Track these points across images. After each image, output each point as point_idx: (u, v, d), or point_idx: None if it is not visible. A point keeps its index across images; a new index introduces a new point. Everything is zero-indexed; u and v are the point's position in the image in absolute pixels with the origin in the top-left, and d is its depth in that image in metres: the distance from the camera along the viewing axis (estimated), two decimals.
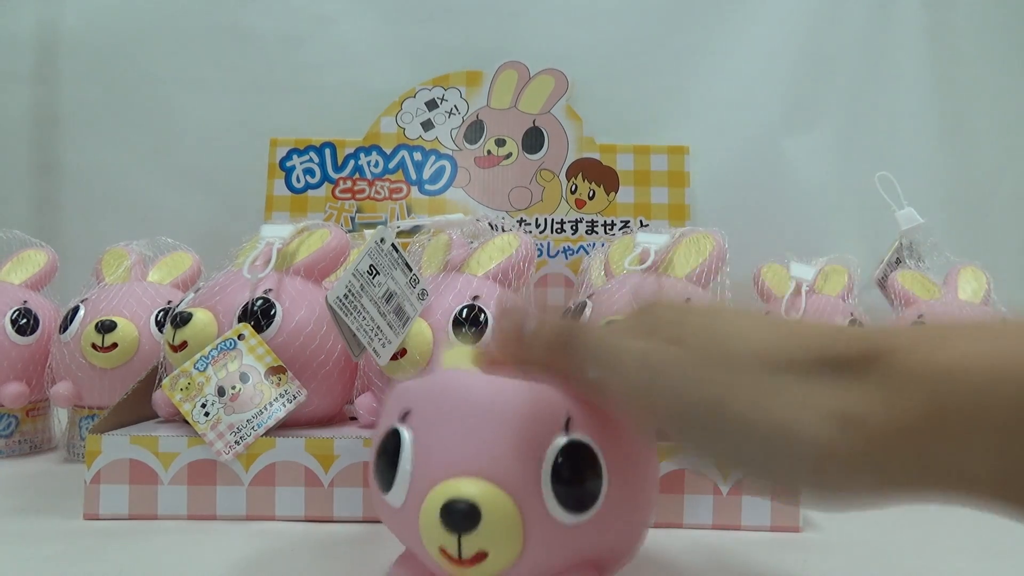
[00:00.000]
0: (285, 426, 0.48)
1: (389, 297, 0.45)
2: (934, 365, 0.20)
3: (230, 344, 0.48)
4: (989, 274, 0.68)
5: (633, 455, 0.30)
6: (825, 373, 0.22)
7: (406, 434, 0.29)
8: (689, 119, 0.97)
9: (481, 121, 0.90)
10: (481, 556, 0.26)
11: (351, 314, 0.42)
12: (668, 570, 0.38)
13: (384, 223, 0.86)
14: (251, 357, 0.48)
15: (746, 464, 0.23)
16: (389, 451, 0.29)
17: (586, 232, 0.86)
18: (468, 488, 0.26)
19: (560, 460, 0.27)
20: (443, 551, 0.27)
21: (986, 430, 0.19)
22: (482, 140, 0.90)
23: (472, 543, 0.26)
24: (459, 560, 0.26)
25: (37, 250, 0.69)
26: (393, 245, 0.46)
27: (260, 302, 0.50)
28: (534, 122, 0.90)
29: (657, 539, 0.42)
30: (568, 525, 0.27)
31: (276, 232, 0.54)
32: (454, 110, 0.91)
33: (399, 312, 0.46)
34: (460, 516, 0.26)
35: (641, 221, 0.86)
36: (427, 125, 0.91)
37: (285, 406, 0.47)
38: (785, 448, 0.21)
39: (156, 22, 0.99)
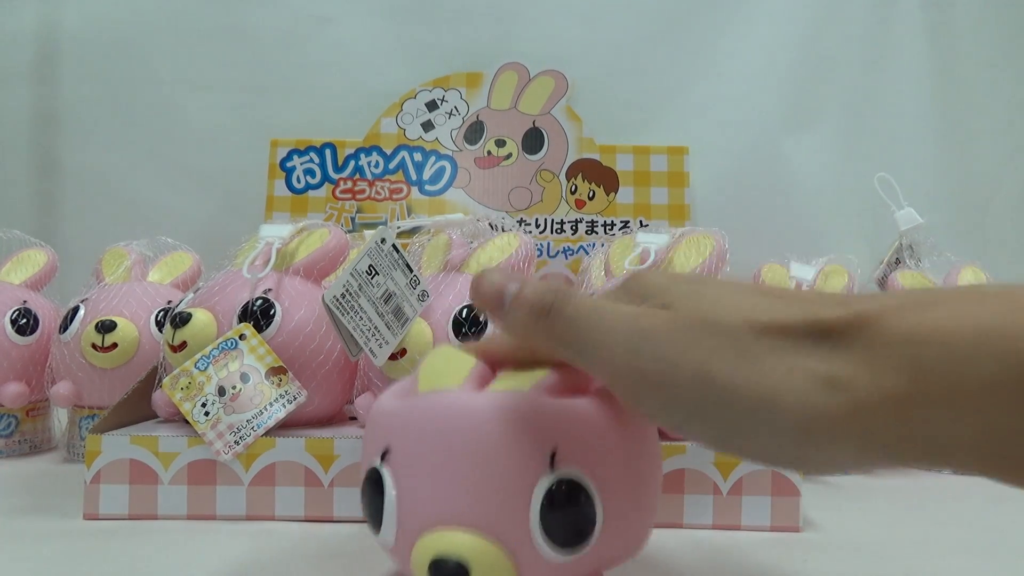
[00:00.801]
0: (285, 426, 0.48)
1: (388, 298, 0.45)
2: (919, 329, 0.20)
3: (231, 344, 0.48)
4: (989, 274, 0.68)
5: (630, 471, 0.29)
6: (811, 339, 0.22)
7: (388, 477, 0.28)
8: (689, 119, 0.97)
9: (481, 122, 0.90)
10: None
11: (347, 314, 0.42)
12: (668, 570, 0.38)
13: (384, 223, 0.86)
14: (252, 357, 0.48)
15: (732, 431, 0.22)
16: (373, 492, 0.28)
17: (586, 232, 0.87)
18: (455, 543, 0.25)
19: (548, 502, 0.26)
20: None
21: (970, 394, 0.19)
22: (482, 141, 0.90)
23: None
24: None
25: (37, 250, 0.69)
26: (394, 246, 0.46)
27: (259, 302, 0.50)
28: (534, 123, 0.90)
29: (657, 539, 0.42)
30: (563, 562, 0.26)
31: (275, 232, 0.54)
32: (454, 111, 0.91)
33: (398, 313, 0.46)
34: (450, 574, 0.25)
35: (641, 221, 0.86)
36: (427, 126, 0.91)
37: (285, 407, 0.47)
38: (770, 413, 0.21)
39: (156, 22, 0.99)
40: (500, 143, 0.89)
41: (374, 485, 0.28)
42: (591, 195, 0.87)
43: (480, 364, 0.30)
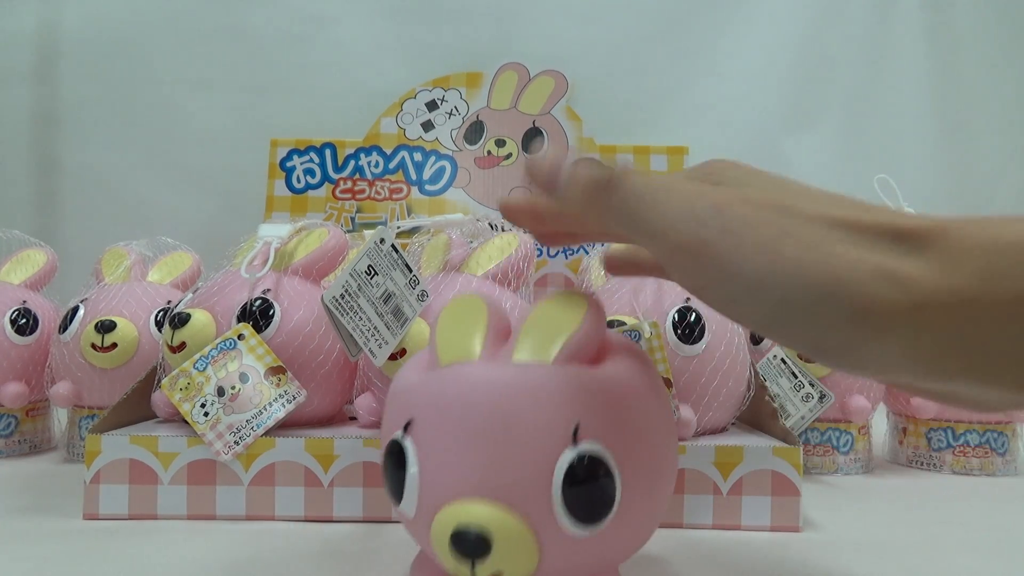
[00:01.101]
0: (285, 426, 0.48)
1: (387, 298, 0.45)
2: (999, 240, 0.20)
3: (230, 344, 0.48)
4: None
5: (649, 448, 0.29)
6: (886, 239, 0.22)
7: (410, 449, 0.28)
8: (689, 119, 0.97)
9: (481, 122, 0.90)
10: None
11: (347, 314, 0.42)
12: (668, 570, 0.38)
13: (384, 223, 0.86)
14: (251, 357, 0.48)
15: (786, 311, 0.22)
16: (395, 463, 0.29)
17: None
18: (477, 513, 0.26)
19: (569, 475, 0.26)
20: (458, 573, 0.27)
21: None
22: (482, 141, 0.90)
23: (486, 567, 0.26)
24: None
25: (37, 250, 0.69)
26: (393, 246, 0.46)
27: (258, 302, 0.50)
28: (534, 123, 0.90)
29: (657, 539, 0.42)
30: (583, 537, 0.27)
31: (274, 232, 0.54)
32: (454, 111, 0.91)
33: (397, 313, 0.46)
34: (471, 544, 0.25)
35: None
36: (427, 126, 0.91)
37: (285, 407, 0.47)
38: (831, 296, 0.21)
39: (156, 22, 0.99)
40: (500, 143, 0.89)
41: (396, 457, 0.28)
42: None
43: (494, 326, 0.30)
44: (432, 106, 0.91)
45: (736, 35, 0.98)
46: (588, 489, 0.26)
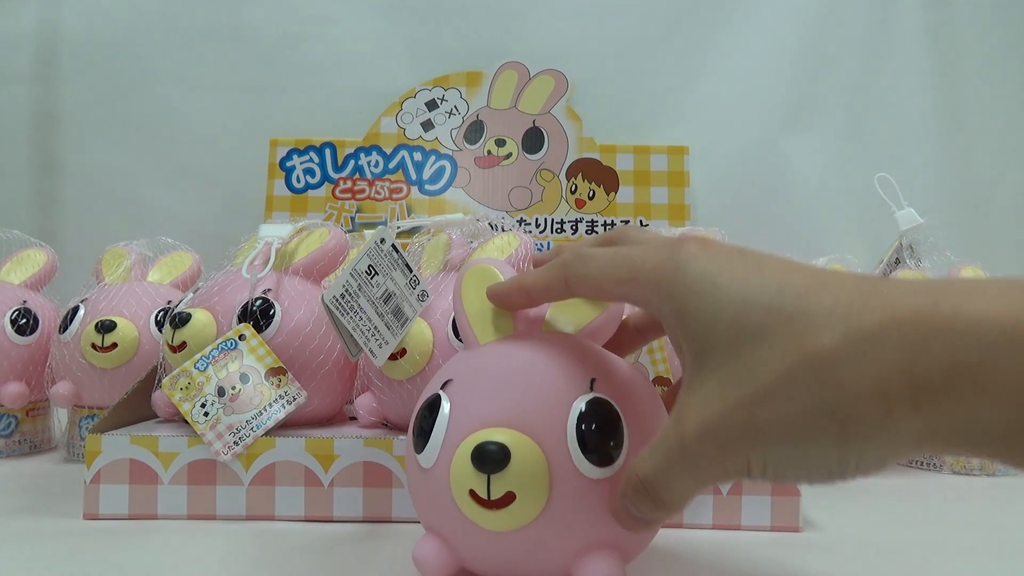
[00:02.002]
0: (285, 426, 0.48)
1: (388, 298, 0.45)
2: (958, 320, 0.20)
3: (231, 344, 0.48)
4: (989, 274, 0.68)
5: (653, 422, 0.31)
6: (852, 355, 0.22)
7: (445, 398, 0.31)
8: (689, 119, 0.97)
9: (481, 121, 0.90)
10: (510, 498, 0.28)
11: (347, 314, 0.42)
12: (668, 570, 0.38)
13: (384, 223, 0.86)
14: (252, 358, 0.48)
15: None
16: (427, 415, 0.31)
17: (586, 232, 0.87)
18: (498, 434, 0.28)
19: (584, 414, 0.29)
20: (473, 494, 0.28)
21: (1004, 385, 0.19)
22: (482, 140, 0.90)
23: (501, 483, 0.28)
24: (488, 502, 0.28)
25: (37, 250, 0.69)
26: (393, 246, 0.46)
27: (259, 302, 0.50)
28: (534, 122, 0.90)
29: (657, 539, 0.42)
30: (592, 479, 0.28)
31: (274, 232, 0.54)
32: (454, 110, 0.91)
33: (398, 313, 0.46)
34: (490, 456, 0.27)
35: (641, 221, 0.86)
36: (427, 125, 0.91)
37: (284, 407, 0.47)
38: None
39: (156, 22, 0.99)
40: (500, 142, 0.89)
41: (431, 405, 0.31)
42: (591, 195, 0.87)
43: (528, 311, 0.34)
44: (432, 105, 0.91)
45: (736, 35, 0.98)
46: (600, 428, 0.29)
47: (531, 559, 0.30)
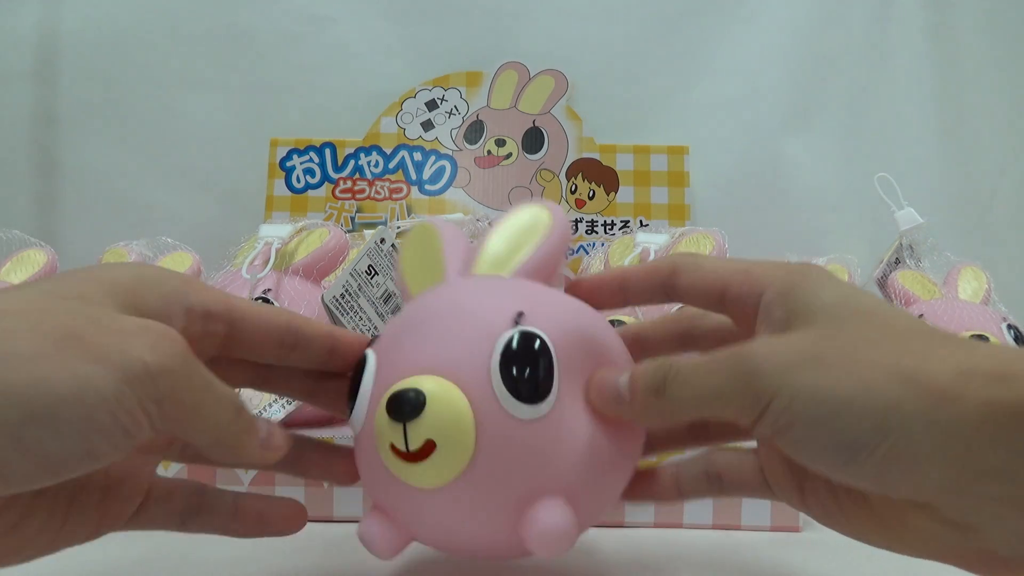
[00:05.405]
0: (285, 426, 0.48)
1: (387, 298, 0.45)
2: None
3: None
4: (989, 274, 0.68)
5: (604, 357, 0.29)
6: None
7: (371, 355, 0.29)
8: (689, 119, 0.97)
9: (481, 121, 0.90)
10: (430, 447, 0.26)
11: (347, 314, 0.42)
12: (668, 570, 0.38)
13: (384, 223, 0.86)
14: None
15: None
16: (355, 373, 0.29)
17: (586, 232, 0.87)
18: (415, 381, 0.26)
19: (509, 349, 0.27)
20: (393, 448, 0.26)
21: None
22: (482, 140, 0.90)
23: (418, 432, 0.25)
24: (407, 454, 0.26)
25: (37, 250, 0.69)
26: (393, 245, 0.46)
27: (259, 302, 0.50)
28: (534, 122, 0.90)
29: (657, 539, 0.42)
30: (522, 419, 0.26)
31: (274, 232, 0.54)
32: (454, 110, 0.91)
33: (397, 313, 0.46)
34: (404, 403, 0.25)
35: (641, 221, 0.86)
36: (427, 125, 0.91)
37: (284, 407, 0.47)
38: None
39: (156, 22, 0.98)
40: (500, 142, 0.90)
41: (357, 366, 0.30)
42: (591, 195, 0.87)
43: (458, 251, 0.32)
44: (432, 105, 0.91)
45: (736, 35, 0.97)
46: (525, 362, 0.27)
47: (470, 519, 0.27)
